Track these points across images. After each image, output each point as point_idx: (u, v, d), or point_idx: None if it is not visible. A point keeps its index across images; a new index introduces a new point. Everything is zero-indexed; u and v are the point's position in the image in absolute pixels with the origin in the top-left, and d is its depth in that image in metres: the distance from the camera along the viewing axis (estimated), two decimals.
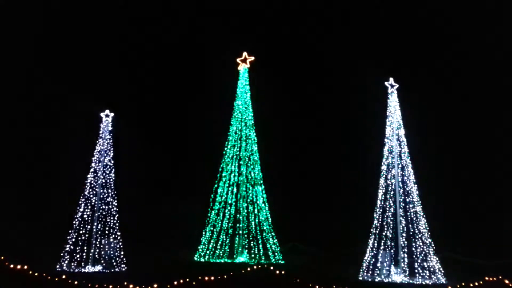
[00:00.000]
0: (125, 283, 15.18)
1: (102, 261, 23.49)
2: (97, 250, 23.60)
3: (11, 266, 14.81)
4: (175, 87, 46.04)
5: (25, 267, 15.06)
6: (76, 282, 15.39)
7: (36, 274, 15.17)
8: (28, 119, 38.87)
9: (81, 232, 23.56)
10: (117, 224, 24.39)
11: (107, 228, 24.07)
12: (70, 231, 23.66)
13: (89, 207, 24.13)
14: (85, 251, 23.41)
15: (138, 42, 46.64)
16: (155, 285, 15.24)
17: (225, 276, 16.63)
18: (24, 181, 35.27)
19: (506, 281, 18.07)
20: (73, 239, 23.40)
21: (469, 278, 18.97)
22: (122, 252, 24.07)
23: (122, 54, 45.19)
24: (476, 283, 18.15)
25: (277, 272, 17.06)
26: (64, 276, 15.65)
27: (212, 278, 16.38)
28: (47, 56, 40.13)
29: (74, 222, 23.79)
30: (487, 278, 18.32)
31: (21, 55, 38.29)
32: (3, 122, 35.92)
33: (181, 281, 15.90)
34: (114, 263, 23.60)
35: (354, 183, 36.86)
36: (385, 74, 25.54)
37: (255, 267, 17.75)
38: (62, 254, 23.11)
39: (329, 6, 47.15)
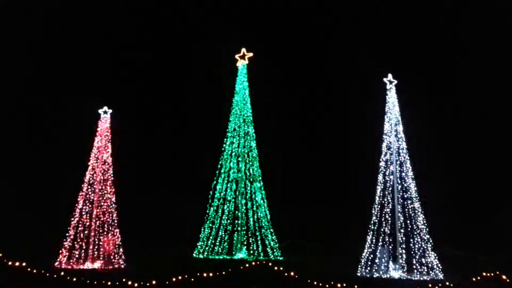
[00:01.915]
0: (124, 280, 15.20)
1: (101, 258, 23.51)
2: (96, 247, 23.62)
3: (10, 263, 14.82)
4: (173, 84, 45.91)
5: (24, 264, 15.08)
6: (74, 279, 15.41)
7: (34, 271, 15.20)
8: (26, 117, 38.81)
9: (79, 229, 23.58)
10: (115, 221, 24.41)
11: (105, 225, 24.09)
12: (68, 228, 23.68)
13: (88, 203, 24.14)
14: (84, 248, 23.45)
15: (136, 39, 46.53)
16: (154, 282, 15.27)
17: (223, 273, 16.65)
18: (22, 177, 35.20)
19: (504, 277, 18.13)
20: (72, 236, 23.44)
21: (467, 273, 19.03)
22: (120, 249, 24.09)
23: (121, 51, 45.04)
24: (474, 279, 18.22)
25: (276, 268, 17.07)
26: (62, 273, 15.68)
27: (211, 274, 16.41)
28: (45, 54, 39.99)
29: (72, 219, 23.80)
30: (484, 274, 18.37)
31: (19, 53, 38.18)
32: (1, 120, 35.84)
33: (180, 277, 15.94)
34: (113, 260, 23.63)
35: (353, 179, 36.92)
36: (384, 70, 25.55)
37: (253, 263, 17.75)
38: (60, 251, 23.13)
39: (329, 4, 47.04)
